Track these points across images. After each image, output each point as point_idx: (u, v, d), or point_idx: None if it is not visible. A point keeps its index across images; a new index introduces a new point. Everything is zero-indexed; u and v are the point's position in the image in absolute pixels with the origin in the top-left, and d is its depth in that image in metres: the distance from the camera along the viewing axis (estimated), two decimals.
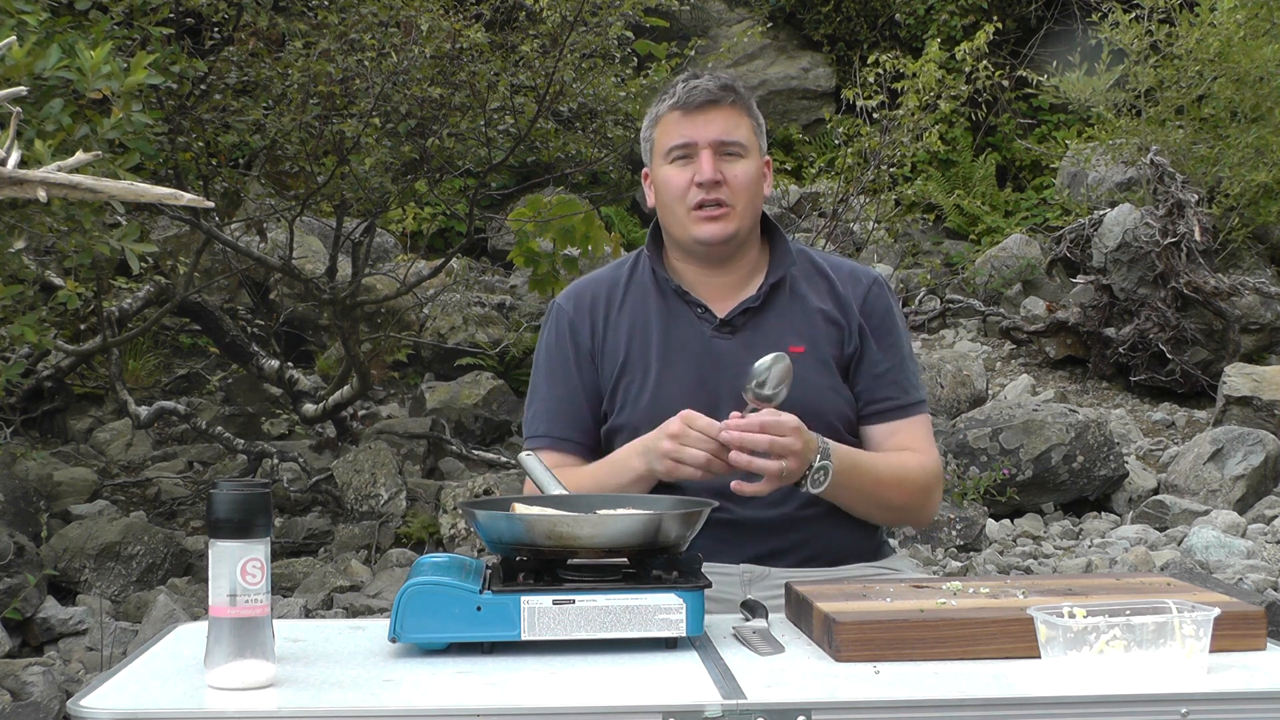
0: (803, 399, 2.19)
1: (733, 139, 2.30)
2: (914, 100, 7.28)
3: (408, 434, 6.88)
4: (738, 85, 2.35)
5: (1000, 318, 8.78)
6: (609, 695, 1.55)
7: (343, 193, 6.17)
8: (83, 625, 4.98)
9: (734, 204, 2.29)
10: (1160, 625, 1.53)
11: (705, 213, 2.29)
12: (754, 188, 2.32)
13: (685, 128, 2.30)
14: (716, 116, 2.30)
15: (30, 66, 3.12)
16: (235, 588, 1.55)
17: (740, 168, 2.30)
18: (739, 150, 2.31)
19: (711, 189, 2.28)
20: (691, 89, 2.30)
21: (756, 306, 2.33)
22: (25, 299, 4.61)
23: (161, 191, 2.23)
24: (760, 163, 2.35)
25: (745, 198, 2.30)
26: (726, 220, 2.29)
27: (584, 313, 2.39)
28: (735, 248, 2.34)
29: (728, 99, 2.31)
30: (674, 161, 2.31)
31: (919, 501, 2.34)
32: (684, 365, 2.31)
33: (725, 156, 2.29)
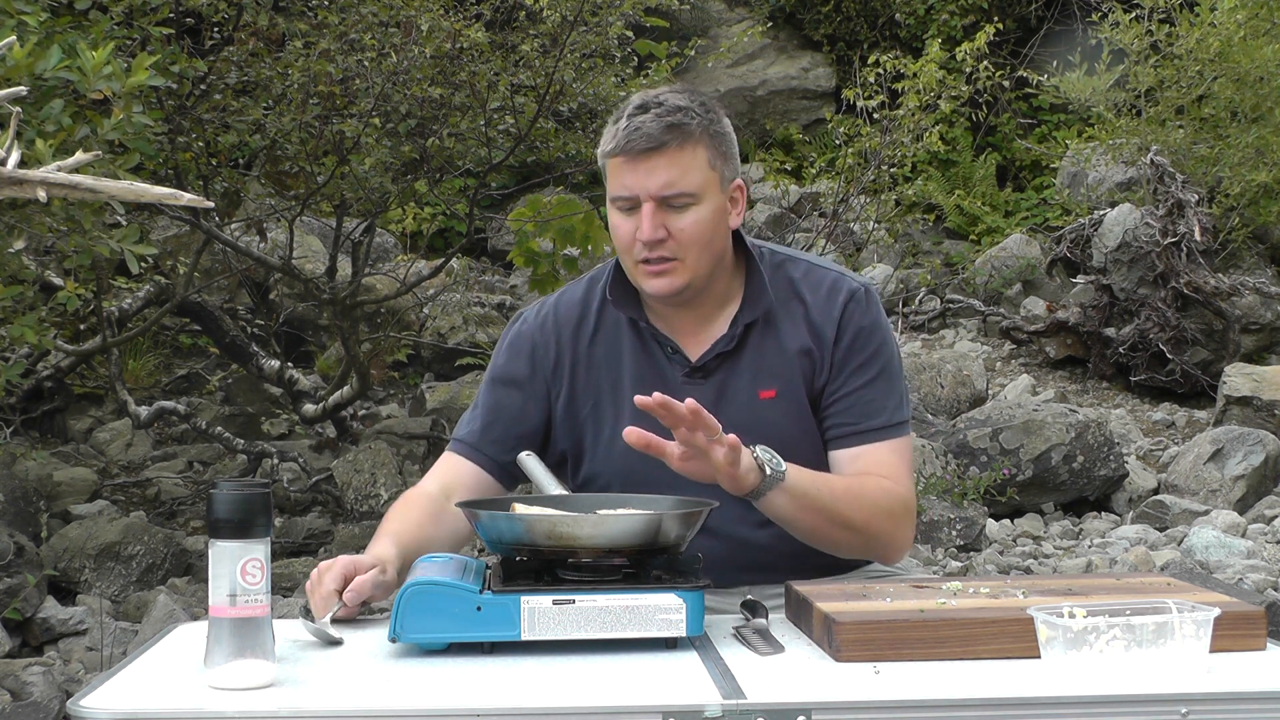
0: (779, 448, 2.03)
1: (678, 190, 2.07)
2: (914, 100, 7.28)
3: (408, 434, 6.88)
4: (689, 118, 2.09)
5: (1000, 318, 8.78)
6: (609, 695, 1.55)
7: (343, 193, 6.17)
8: (83, 625, 4.98)
9: (682, 257, 2.10)
10: (1160, 625, 1.53)
11: (651, 268, 2.10)
12: (706, 235, 2.10)
13: (628, 177, 2.08)
14: (660, 165, 2.06)
15: (31, 67, 3.12)
16: (235, 588, 1.55)
17: (690, 218, 2.08)
18: (687, 200, 2.08)
19: (655, 247, 2.08)
20: (632, 133, 2.06)
21: (730, 350, 2.18)
22: (25, 299, 4.61)
23: (161, 191, 2.23)
24: (719, 200, 2.12)
25: (695, 250, 2.10)
26: (674, 275, 2.10)
27: (550, 337, 2.24)
28: (693, 294, 2.15)
29: (673, 142, 2.06)
30: (620, 210, 2.12)
31: (885, 526, 2.12)
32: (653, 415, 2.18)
33: (671, 210, 2.08)
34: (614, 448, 2.18)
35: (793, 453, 2.07)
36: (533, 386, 2.25)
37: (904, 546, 2.20)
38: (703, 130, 2.11)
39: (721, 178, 2.14)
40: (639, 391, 2.09)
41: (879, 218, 8.13)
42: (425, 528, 2.12)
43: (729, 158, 2.16)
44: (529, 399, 2.25)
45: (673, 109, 2.09)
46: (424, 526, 2.12)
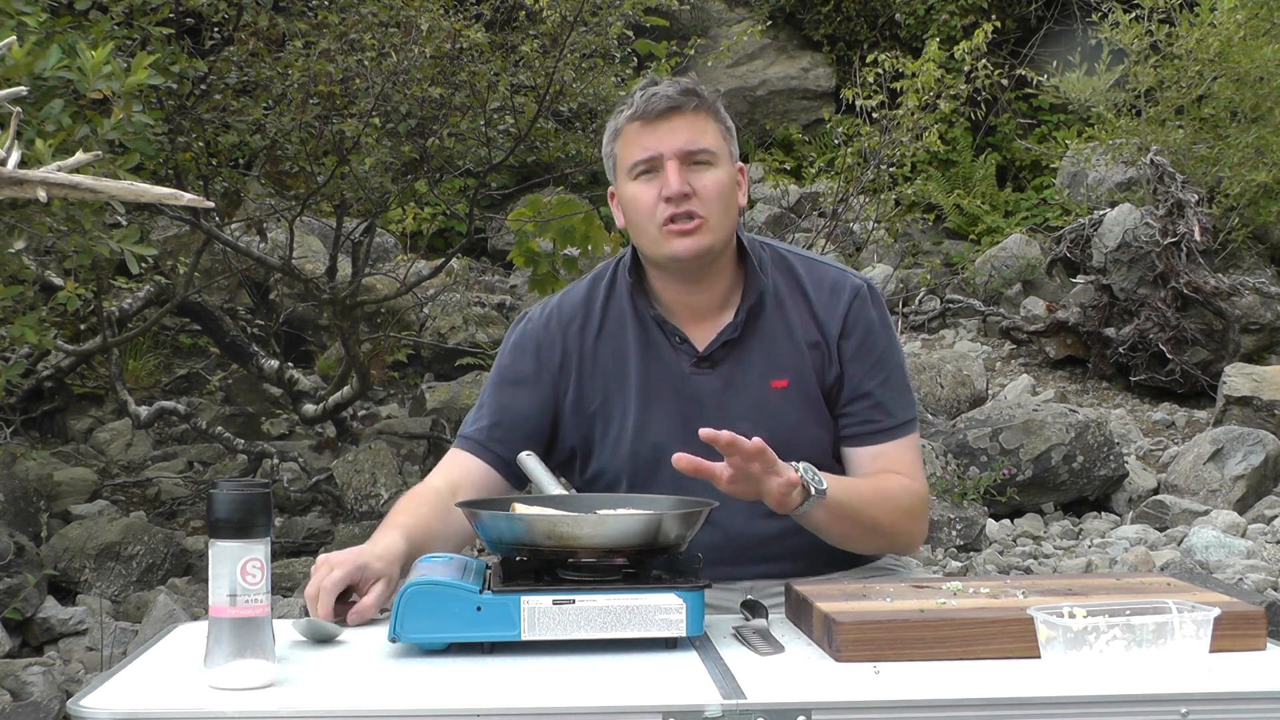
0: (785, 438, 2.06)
1: (700, 146, 2.13)
2: (914, 100, 7.28)
3: (408, 434, 6.88)
4: (701, 89, 2.17)
5: (1000, 318, 8.78)
6: (609, 695, 1.55)
7: (343, 193, 6.17)
8: (83, 625, 4.98)
9: (707, 215, 2.12)
10: (1160, 625, 1.53)
11: (677, 226, 2.11)
12: (727, 197, 2.15)
13: (648, 139, 2.13)
14: (680, 124, 2.13)
15: (30, 67, 3.12)
16: (235, 588, 1.55)
17: (710, 177, 2.13)
18: (708, 158, 2.14)
19: (681, 201, 2.11)
20: (650, 96, 2.13)
21: (736, 338, 2.19)
22: (25, 299, 4.61)
23: (161, 191, 2.23)
24: (732, 170, 2.18)
25: (718, 208, 2.13)
26: (700, 234, 2.12)
27: (556, 335, 2.25)
28: (712, 261, 2.17)
29: (690, 104, 2.13)
30: (639, 177, 2.15)
31: (906, 526, 2.19)
32: (665, 405, 2.19)
33: (693, 166, 2.13)
34: (622, 443, 2.20)
35: (801, 443, 2.12)
36: (539, 385, 2.25)
37: (921, 539, 2.26)
38: (712, 105, 2.19)
39: (730, 152, 2.20)
40: (646, 385, 2.17)
41: (879, 218, 8.13)
42: (433, 524, 2.12)
43: (733, 141, 2.22)
44: (536, 398, 2.25)
45: (684, 82, 2.19)
46: (432, 522, 2.12)
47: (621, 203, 2.22)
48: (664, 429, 2.17)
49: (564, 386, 2.24)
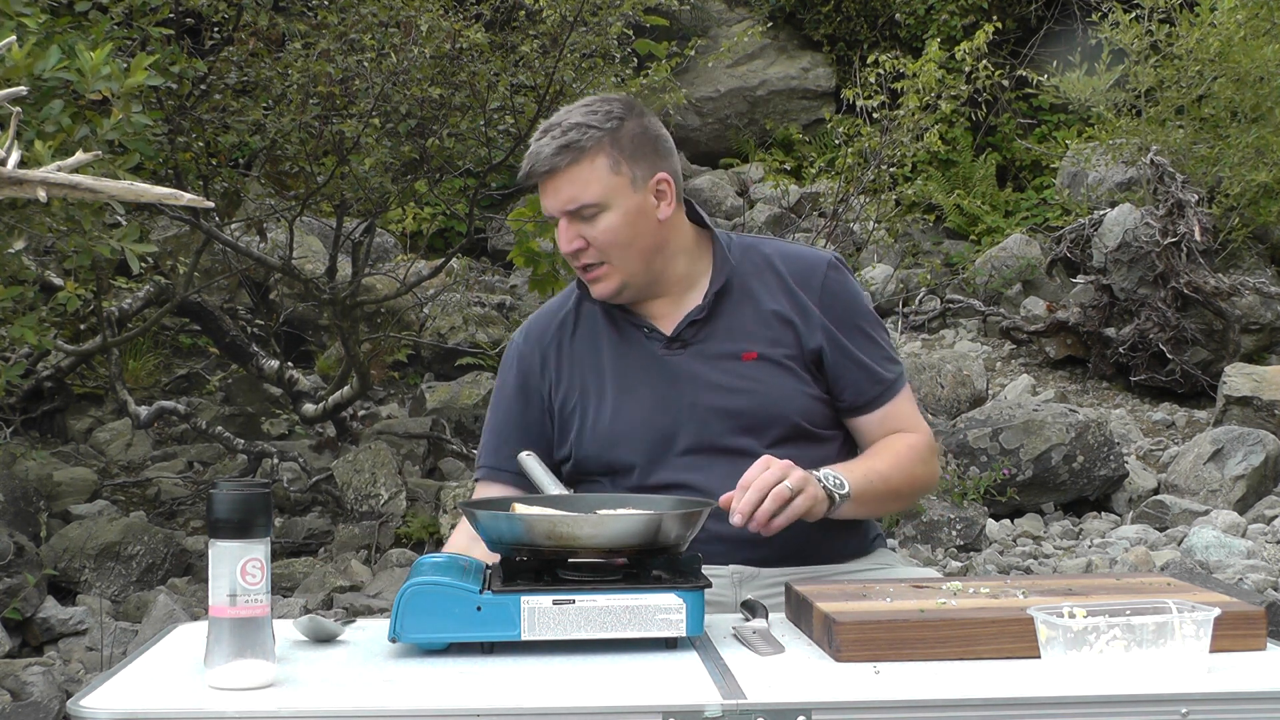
0: (761, 404, 2.20)
1: (581, 203, 2.19)
2: (914, 100, 7.28)
3: (408, 434, 6.88)
4: (582, 134, 2.18)
5: (1000, 318, 8.78)
6: (609, 695, 1.55)
7: (343, 193, 6.17)
8: (83, 625, 4.98)
9: (607, 259, 2.22)
10: (1160, 625, 1.53)
11: (587, 275, 2.25)
12: (623, 237, 2.20)
13: (542, 197, 2.24)
14: (561, 184, 2.19)
15: (30, 68, 3.12)
16: (235, 588, 1.55)
17: (601, 225, 2.20)
18: (592, 209, 2.19)
19: (577, 256, 2.23)
20: (533, 158, 2.21)
21: (703, 318, 2.27)
22: (25, 299, 4.61)
23: (161, 191, 2.23)
24: (633, 200, 2.21)
25: (615, 251, 2.21)
26: (607, 279, 2.23)
27: (533, 345, 2.36)
28: (640, 289, 2.27)
29: (564, 162, 2.18)
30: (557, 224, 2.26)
31: (924, 478, 2.33)
32: (640, 387, 2.27)
33: (581, 220, 2.21)
34: (599, 427, 2.28)
35: (783, 410, 2.22)
36: (527, 394, 2.35)
37: (935, 479, 2.40)
38: (599, 141, 2.19)
39: (632, 179, 2.22)
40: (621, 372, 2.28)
41: (879, 218, 8.13)
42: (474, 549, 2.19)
43: (640, 158, 2.23)
44: (528, 406, 2.35)
45: (568, 128, 2.19)
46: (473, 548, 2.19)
47: None
48: (641, 409, 2.25)
49: (547, 389, 2.34)
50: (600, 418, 2.27)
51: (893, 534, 5.85)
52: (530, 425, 2.34)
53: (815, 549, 2.25)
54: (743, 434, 2.23)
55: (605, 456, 2.26)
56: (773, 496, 1.99)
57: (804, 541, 2.22)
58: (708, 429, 2.24)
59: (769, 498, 1.99)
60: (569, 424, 2.31)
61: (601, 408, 2.27)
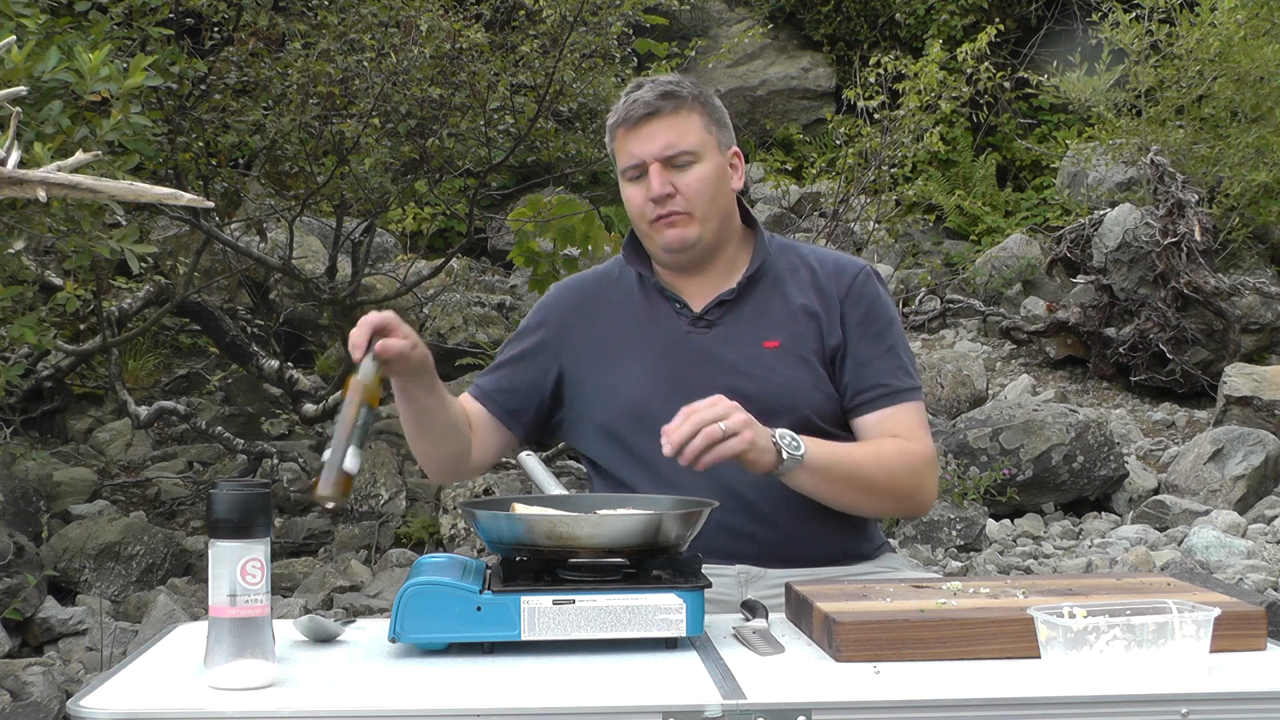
0: (775, 393, 2.21)
1: (679, 149, 2.25)
2: (915, 100, 7.28)
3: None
4: (682, 88, 2.29)
5: (1000, 318, 8.78)
6: (609, 695, 1.55)
7: (343, 193, 6.17)
8: (83, 625, 4.98)
9: (691, 210, 2.26)
10: (1160, 625, 1.52)
11: (664, 222, 2.27)
12: (711, 190, 2.27)
13: (633, 145, 2.27)
14: (659, 129, 2.25)
15: (29, 69, 3.12)
16: (235, 588, 1.55)
17: (693, 174, 2.26)
18: (689, 158, 2.25)
19: (664, 202, 2.25)
20: (631, 104, 2.27)
21: (732, 300, 2.30)
22: (25, 299, 4.61)
23: (161, 191, 2.23)
24: (719, 161, 2.30)
25: (702, 203, 2.26)
26: (686, 226, 2.26)
27: (566, 305, 2.41)
28: (703, 251, 2.30)
29: (668, 107, 2.25)
30: (630, 180, 2.30)
31: (908, 484, 2.24)
32: (658, 360, 2.29)
33: (674, 168, 2.25)
34: (616, 395, 2.30)
35: (794, 401, 2.22)
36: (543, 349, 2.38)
37: (930, 498, 2.31)
38: (694, 99, 2.29)
39: (719, 142, 2.31)
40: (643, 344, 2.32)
41: (879, 218, 8.13)
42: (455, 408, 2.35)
43: (723, 126, 2.33)
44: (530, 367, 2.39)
45: (664, 83, 2.29)
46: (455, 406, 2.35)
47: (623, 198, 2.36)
48: (654, 380, 2.28)
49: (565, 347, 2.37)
50: (616, 386, 2.29)
51: (893, 534, 5.85)
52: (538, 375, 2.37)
53: (819, 549, 2.26)
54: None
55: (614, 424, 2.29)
56: (703, 435, 1.96)
57: (807, 542, 2.23)
58: None
59: (700, 435, 1.96)
60: (584, 387, 2.34)
61: (619, 375, 2.30)
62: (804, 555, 2.23)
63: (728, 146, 2.32)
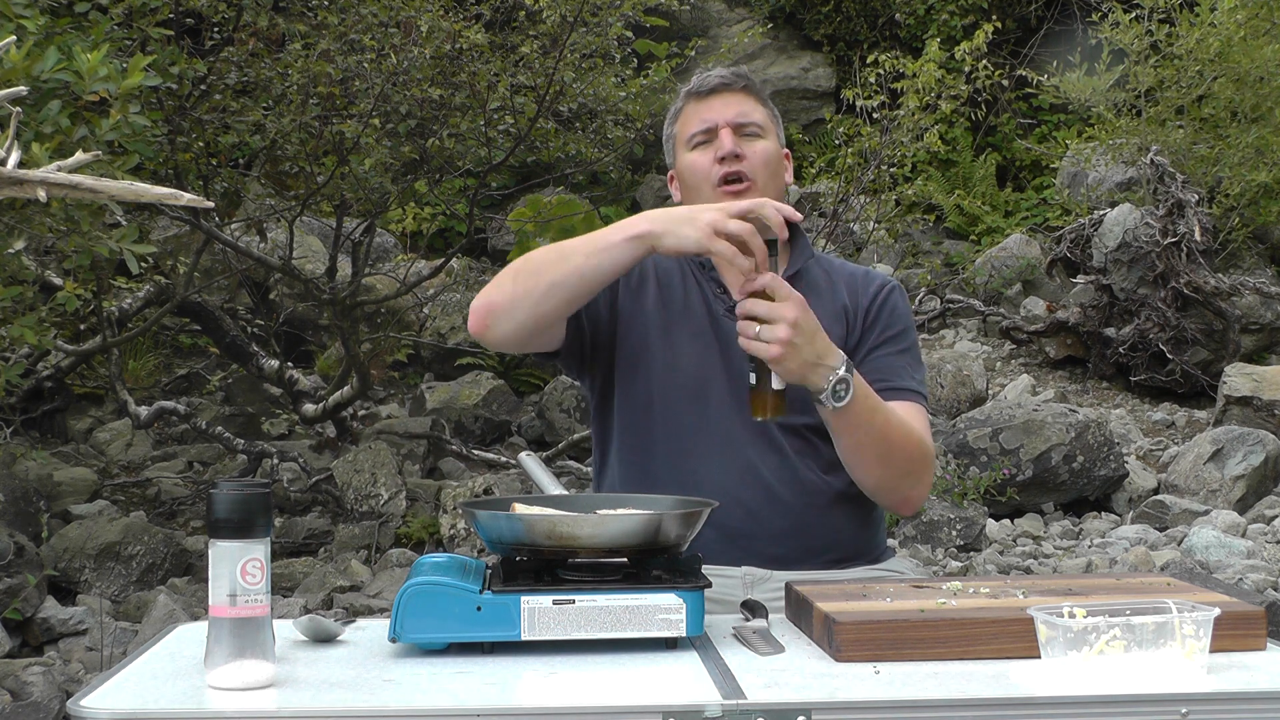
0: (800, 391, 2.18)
1: (750, 119, 2.35)
2: (914, 100, 7.28)
3: (408, 434, 6.88)
4: (751, 77, 2.43)
5: (1000, 318, 8.78)
6: (609, 695, 1.55)
7: (343, 193, 6.17)
8: (83, 625, 4.98)
9: (755, 178, 2.31)
10: (1160, 625, 1.53)
11: (729, 187, 2.31)
12: (774, 166, 2.35)
13: (703, 111, 2.36)
14: (731, 99, 2.37)
15: (28, 69, 3.12)
16: (235, 588, 1.55)
17: (760, 145, 2.34)
18: (757, 130, 2.35)
19: (732, 161, 2.31)
20: (705, 77, 2.40)
21: None
22: (25, 299, 4.61)
23: (161, 191, 2.23)
24: (779, 147, 2.40)
25: (765, 173, 2.33)
26: (749, 194, 2.29)
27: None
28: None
29: (740, 84, 2.39)
30: (696, 147, 2.36)
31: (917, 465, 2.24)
32: (696, 342, 2.31)
33: (743, 136, 2.34)
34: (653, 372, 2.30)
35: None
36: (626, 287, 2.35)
37: (924, 492, 2.31)
38: (761, 89, 2.46)
39: (778, 133, 2.42)
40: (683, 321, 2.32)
41: (879, 218, 8.13)
42: None
43: (779, 126, 2.44)
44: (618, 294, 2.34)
45: (736, 69, 2.45)
46: None
47: (680, 174, 2.40)
48: (689, 360, 2.29)
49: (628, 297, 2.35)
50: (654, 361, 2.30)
51: (893, 534, 5.85)
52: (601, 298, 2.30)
53: (830, 542, 2.26)
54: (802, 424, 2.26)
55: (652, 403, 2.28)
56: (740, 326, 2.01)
57: (816, 534, 2.24)
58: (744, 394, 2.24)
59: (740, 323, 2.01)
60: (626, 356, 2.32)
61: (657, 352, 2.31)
62: (814, 551, 2.24)
63: (781, 139, 2.43)
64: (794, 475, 2.24)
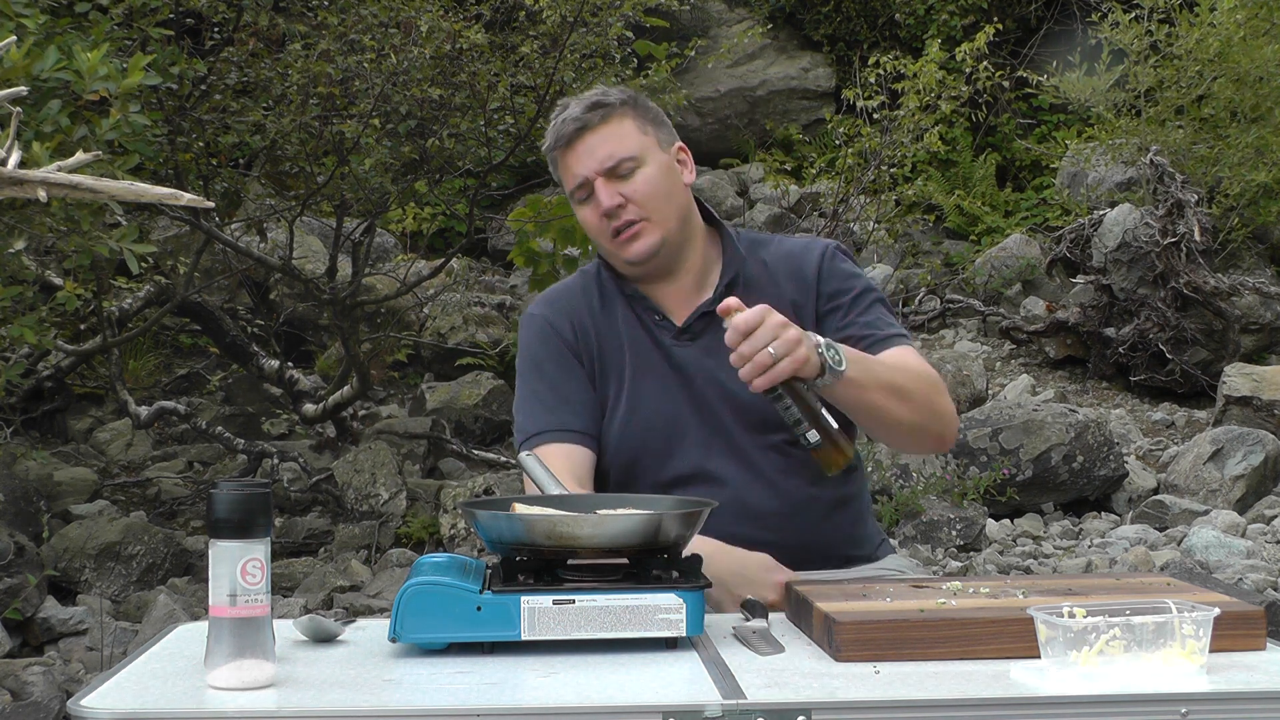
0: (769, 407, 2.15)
1: (619, 157, 2.22)
2: (914, 101, 7.28)
3: (408, 434, 6.88)
4: (608, 96, 2.26)
5: (1000, 318, 8.78)
6: (609, 695, 1.55)
7: (343, 193, 6.17)
8: (83, 625, 4.98)
9: (647, 215, 2.22)
10: (1160, 625, 1.53)
11: (623, 236, 2.22)
12: (662, 190, 2.24)
13: (573, 164, 2.24)
14: (594, 141, 2.22)
15: (28, 68, 3.12)
16: (235, 588, 1.55)
17: (640, 179, 2.22)
18: (631, 164, 2.22)
19: (617, 214, 2.21)
20: (561, 124, 2.24)
21: (713, 310, 2.20)
22: (25, 299, 4.61)
23: (161, 191, 2.23)
24: (664, 159, 2.26)
25: (655, 204, 2.23)
26: (646, 234, 2.22)
27: (563, 316, 2.32)
28: (671, 253, 2.26)
29: (597, 118, 2.23)
30: (581, 202, 2.26)
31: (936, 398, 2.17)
32: (652, 377, 2.26)
33: (619, 178, 2.22)
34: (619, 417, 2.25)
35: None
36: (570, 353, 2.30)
37: (953, 420, 2.22)
38: (623, 104, 2.26)
39: (658, 140, 2.27)
40: (636, 361, 2.25)
41: (879, 218, 8.13)
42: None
43: (660, 124, 2.29)
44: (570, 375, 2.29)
45: (589, 96, 2.27)
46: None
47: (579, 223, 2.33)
48: (654, 398, 2.25)
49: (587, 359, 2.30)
50: (618, 405, 2.25)
51: (892, 534, 5.85)
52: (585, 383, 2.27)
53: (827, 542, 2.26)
54: (751, 429, 2.23)
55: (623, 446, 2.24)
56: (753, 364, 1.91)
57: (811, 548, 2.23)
58: (716, 422, 2.24)
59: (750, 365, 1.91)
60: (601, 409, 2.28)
61: (620, 395, 2.26)
62: (812, 562, 2.23)
63: (670, 143, 2.29)
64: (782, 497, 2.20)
